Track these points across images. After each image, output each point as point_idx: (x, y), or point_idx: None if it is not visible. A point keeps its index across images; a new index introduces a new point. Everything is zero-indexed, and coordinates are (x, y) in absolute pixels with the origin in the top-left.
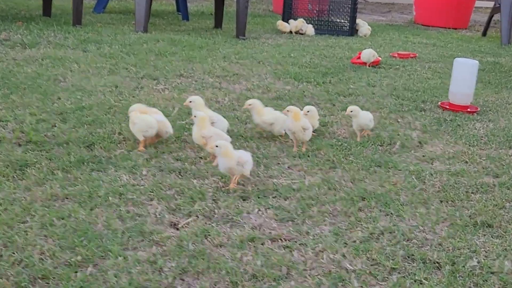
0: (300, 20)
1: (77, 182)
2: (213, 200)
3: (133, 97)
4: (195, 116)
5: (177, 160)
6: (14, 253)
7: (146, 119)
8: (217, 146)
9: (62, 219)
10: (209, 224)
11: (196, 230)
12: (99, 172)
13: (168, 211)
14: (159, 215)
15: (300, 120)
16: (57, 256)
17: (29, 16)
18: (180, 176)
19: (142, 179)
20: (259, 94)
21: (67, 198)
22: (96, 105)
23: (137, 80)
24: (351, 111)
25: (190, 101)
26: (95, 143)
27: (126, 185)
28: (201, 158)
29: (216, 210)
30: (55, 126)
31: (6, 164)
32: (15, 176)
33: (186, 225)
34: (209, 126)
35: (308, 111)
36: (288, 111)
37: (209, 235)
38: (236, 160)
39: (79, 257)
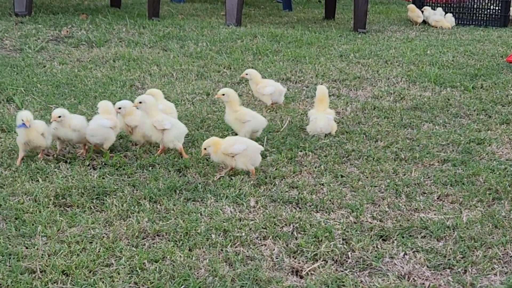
0: (440, 15)
1: (170, 215)
2: (344, 240)
3: None
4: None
5: (293, 187)
6: None
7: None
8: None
9: (155, 262)
10: (341, 271)
11: (326, 279)
12: (195, 203)
13: (288, 254)
14: (277, 258)
15: None
16: None
17: (94, 7)
18: (298, 208)
19: (250, 212)
20: (390, 102)
21: (158, 235)
22: (185, 118)
23: (233, 86)
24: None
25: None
26: (188, 166)
27: (231, 220)
28: (322, 185)
29: (349, 253)
30: (136, 144)
31: (81, 192)
32: (92, 206)
33: (312, 272)
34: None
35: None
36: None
37: (343, 285)
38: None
39: None
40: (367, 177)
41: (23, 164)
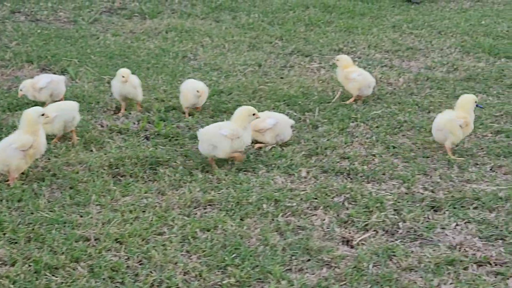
0: None
1: (221, 184)
2: (395, 210)
3: (281, 78)
4: None
5: (344, 158)
6: (152, 272)
7: None
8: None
9: (207, 231)
10: (392, 241)
11: (377, 249)
12: (247, 173)
13: (338, 224)
14: (327, 228)
15: None
16: (204, 278)
17: None
18: (349, 178)
19: (301, 182)
20: (443, 73)
21: (210, 205)
22: (237, 89)
23: (285, 57)
24: None
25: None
26: None
27: (282, 190)
28: (374, 156)
29: (400, 224)
30: (191, 115)
31: (134, 162)
32: (145, 176)
33: (362, 242)
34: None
35: None
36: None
37: (394, 255)
38: None
39: (232, 279)
40: (419, 148)
41: (77, 135)
